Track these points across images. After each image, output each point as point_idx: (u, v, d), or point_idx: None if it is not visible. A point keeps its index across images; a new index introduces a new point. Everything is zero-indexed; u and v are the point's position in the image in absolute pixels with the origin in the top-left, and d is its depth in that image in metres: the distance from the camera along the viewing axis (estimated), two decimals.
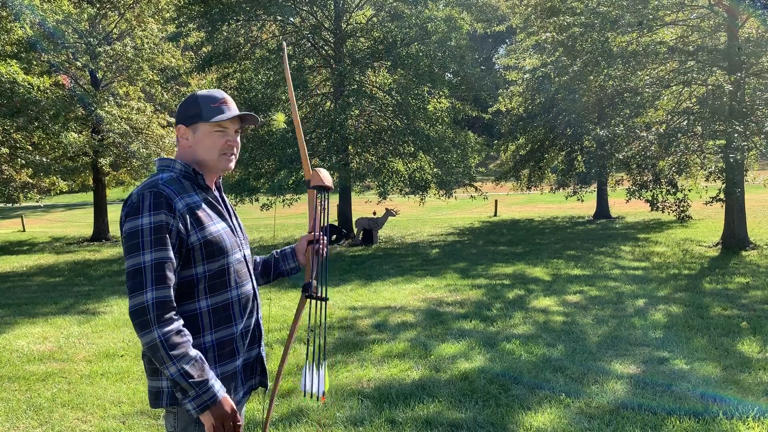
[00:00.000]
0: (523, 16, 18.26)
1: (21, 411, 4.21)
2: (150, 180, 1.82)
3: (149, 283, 1.67)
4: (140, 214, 1.72)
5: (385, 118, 15.73)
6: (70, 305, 8.07)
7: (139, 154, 15.82)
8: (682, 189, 11.81)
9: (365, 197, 17.84)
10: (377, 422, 3.76)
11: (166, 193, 1.76)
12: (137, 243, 1.70)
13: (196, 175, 1.88)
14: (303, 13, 15.54)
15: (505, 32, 29.41)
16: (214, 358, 1.83)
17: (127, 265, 1.71)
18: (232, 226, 1.95)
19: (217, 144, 1.87)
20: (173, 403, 1.79)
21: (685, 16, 12.89)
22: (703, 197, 12.32)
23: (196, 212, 1.81)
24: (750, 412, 3.75)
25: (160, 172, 1.87)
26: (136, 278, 1.68)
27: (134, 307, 1.67)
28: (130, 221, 1.73)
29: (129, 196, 1.81)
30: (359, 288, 8.52)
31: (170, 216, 1.74)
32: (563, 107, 17.93)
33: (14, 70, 13.55)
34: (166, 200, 1.75)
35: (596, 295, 7.47)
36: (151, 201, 1.73)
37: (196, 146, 1.88)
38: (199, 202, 1.84)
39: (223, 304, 1.85)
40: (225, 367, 1.86)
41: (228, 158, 1.90)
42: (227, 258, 1.86)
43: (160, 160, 1.93)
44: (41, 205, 34.22)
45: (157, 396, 1.82)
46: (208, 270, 1.81)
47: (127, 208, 1.77)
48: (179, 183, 1.83)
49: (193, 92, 1.92)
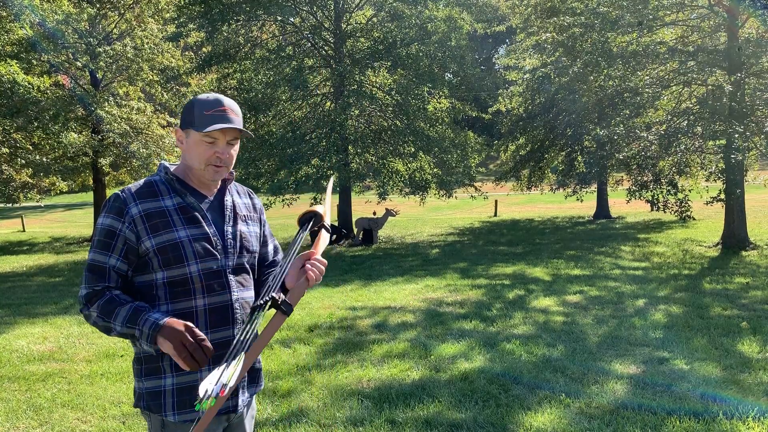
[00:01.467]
0: (523, 17, 18.26)
1: (21, 411, 4.20)
2: (139, 182, 1.89)
3: (84, 280, 1.81)
4: (102, 214, 1.83)
5: (385, 118, 15.73)
6: (70, 305, 8.06)
7: (139, 154, 15.82)
8: (683, 189, 11.80)
9: (365, 197, 17.84)
10: (377, 422, 3.75)
11: (123, 197, 1.80)
12: (92, 240, 1.83)
13: (174, 179, 1.86)
14: (303, 13, 15.54)
15: (505, 32, 29.39)
16: (170, 366, 1.79)
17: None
18: (208, 233, 1.83)
19: (204, 154, 1.81)
20: (147, 408, 1.85)
21: (685, 16, 12.88)
22: (703, 197, 12.32)
23: (154, 218, 1.78)
24: (750, 412, 3.75)
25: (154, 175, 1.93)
26: (83, 274, 1.83)
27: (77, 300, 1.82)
28: (98, 218, 1.85)
29: None
30: (359, 288, 8.52)
31: (118, 221, 1.78)
32: (563, 107, 17.93)
33: (14, 70, 13.55)
34: (121, 204, 1.79)
35: (596, 295, 7.47)
36: (110, 204, 1.81)
37: (187, 152, 1.85)
38: (164, 207, 1.80)
39: (183, 312, 1.78)
40: (182, 377, 1.80)
41: (215, 169, 1.83)
42: (188, 267, 1.78)
43: (160, 164, 1.95)
44: (41, 205, 34.22)
45: (139, 398, 1.89)
46: (167, 276, 1.78)
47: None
48: (152, 187, 1.84)
49: (195, 95, 1.93)
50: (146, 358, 1.83)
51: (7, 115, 14.12)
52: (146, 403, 1.84)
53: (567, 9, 14.43)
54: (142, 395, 1.86)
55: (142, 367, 1.84)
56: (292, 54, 15.42)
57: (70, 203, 37.62)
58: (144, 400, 1.85)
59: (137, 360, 1.86)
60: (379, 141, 15.51)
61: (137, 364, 1.86)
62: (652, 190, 12.09)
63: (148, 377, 1.83)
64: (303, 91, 14.74)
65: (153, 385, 1.83)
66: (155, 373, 1.82)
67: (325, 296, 7.89)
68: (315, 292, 8.13)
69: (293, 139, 14.21)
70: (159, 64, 17.11)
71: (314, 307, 7.22)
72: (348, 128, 14.01)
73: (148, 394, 1.83)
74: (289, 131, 14.59)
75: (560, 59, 17.38)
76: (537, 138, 19.56)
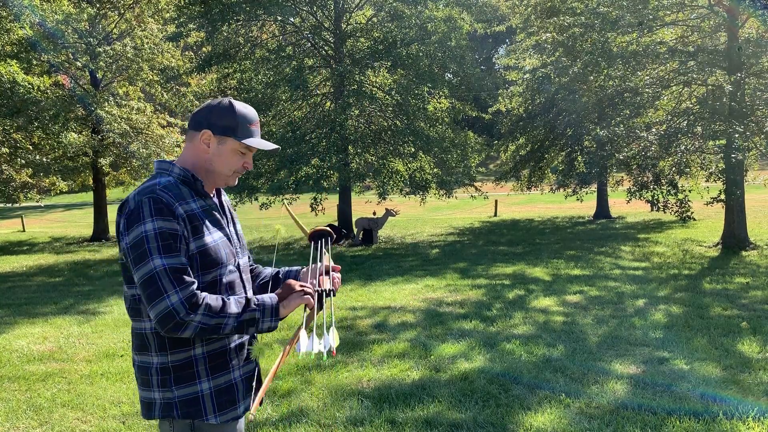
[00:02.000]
0: (523, 17, 18.26)
1: (21, 411, 4.20)
2: (147, 185, 1.77)
3: (169, 286, 1.64)
4: (142, 221, 1.68)
5: (385, 118, 15.73)
6: (70, 305, 8.06)
7: (138, 154, 15.82)
8: (683, 189, 11.80)
9: (365, 197, 17.84)
10: (377, 422, 3.75)
11: (166, 198, 1.71)
12: (144, 251, 1.66)
13: (195, 180, 1.84)
14: (303, 13, 15.54)
15: (505, 32, 29.40)
16: (206, 371, 1.80)
17: (138, 277, 1.67)
18: (229, 234, 1.90)
19: (236, 164, 1.87)
20: (166, 414, 1.80)
21: (685, 16, 12.88)
22: (704, 197, 12.31)
23: (193, 221, 1.76)
24: (750, 412, 3.75)
25: (158, 176, 1.82)
26: (152, 286, 1.64)
27: (159, 315, 1.63)
28: (133, 230, 1.69)
29: (125, 202, 1.76)
30: (359, 288, 8.52)
31: (173, 221, 1.70)
32: (563, 107, 17.93)
33: (14, 70, 13.56)
34: (168, 205, 1.70)
35: (596, 295, 7.47)
36: (152, 207, 1.69)
37: (215, 157, 1.85)
38: (196, 210, 1.79)
39: None
40: (218, 380, 1.83)
41: (237, 177, 1.91)
42: (220, 269, 1.82)
43: (159, 163, 1.88)
44: (41, 205, 34.22)
45: (150, 408, 1.83)
46: (201, 281, 1.76)
47: (125, 215, 1.72)
48: (177, 189, 1.78)
49: (228, 100, 1.87)
50: (176, 367, 1.78)
51: (7, 115, 14.12)
52: (181, 411, 1.78)
53: (567, 9, 14.42)
54: (172, 404, 1.79)
55: (170, 377, 1.78)
56: (292, 54, 15.42)
57: (69, 203, 37.63)
58: (177, 408, 1.79)
59: (162, 370, 1.78)
60: (379, 141, 15.51)
61: (162, 374, 1.78)
62: (652, 190, 12.08)
63: (180, 386, 1.79)
64: (303, 91, 14.73)
65: (188, 392, 1.79)
66: (189, 379, 1.79)
67: None
68: None
69: (293, 139, 14.21)
70: (159, 64, 17.11)
71: None
72: (348, 128, 14.01)
73: (182, 403, 1.79)
74: (289, 131, 14.59)
75: (560, 59, 17.37)
76: (537, 138, 19.55)
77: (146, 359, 1.81)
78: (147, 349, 1.80)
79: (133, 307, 1.81)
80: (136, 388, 2.04)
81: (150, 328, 1.78)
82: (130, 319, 1.86)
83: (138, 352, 1.84)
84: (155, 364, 1.79)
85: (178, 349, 1.77)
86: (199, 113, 1.86)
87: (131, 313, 1.83)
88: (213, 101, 1.88)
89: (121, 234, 1.74)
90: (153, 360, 1.79)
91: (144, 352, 1.81)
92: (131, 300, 1.81)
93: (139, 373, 1.85)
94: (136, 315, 1.81)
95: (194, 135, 1.85)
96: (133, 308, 1.82)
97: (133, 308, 1.81)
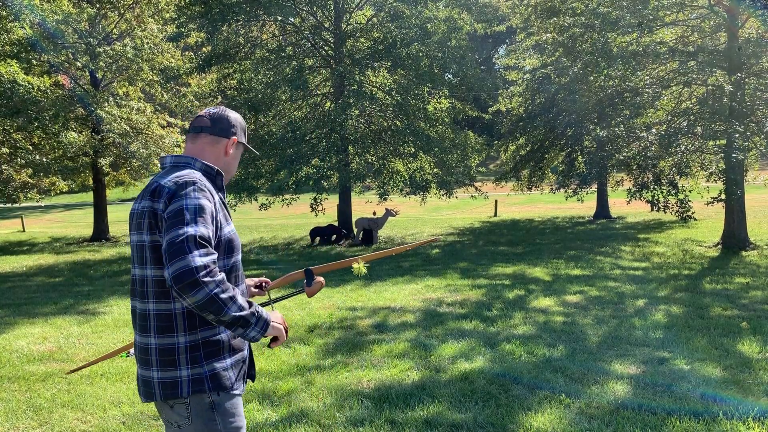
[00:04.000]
0: (523, 17, 18.26)
1: (21, 411, 4.20)
2: (181, 173, 1.92)
3: (194, 248, 1.73)
4: (185, 197, 1.83)
5: (385, 118, 15.73)
6: (70, 305, 8.06)
7: (138, 155, 15.82)
8: (683, 189, 11.80)
9: (365, 197, 17.84)
10: (377, 422, 3.75)
11: (205, 184, 1.91)
12: (180, 219, 1.78)
13: (217, 175, 2.05)
14: (303, 14, 15.54)
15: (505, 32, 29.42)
16: (230, 348, 1.96)
17: (167, 239, 1.76)
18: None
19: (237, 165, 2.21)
20: (196, 389, 1.89)
21: (685, 16, 12.88)
22: (704, 197, 12.31)
23: (222, 210, 1.97)
24: (750, 412, 3.75)
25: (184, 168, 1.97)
26: (178, 245, 1.73)
27: (178, 270, 1.70)
28: (174, 203, 1.82)
29: (160, 187, 1.89)
30: (359, 288, 8.52)
31: (211, 203, 1.88)
32: (563, 107, 17.92)
33: (14, 70, 13.55)
34: (208, 191, 1.90)
35: (596, 296, 7.47)
36: (195, 187, 1.86)
37: (231, 160, 2.13)
38: (218, 201, 1.98)
39: None
40: (236, 354, 2.00)
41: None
42: (237, 255, 2.03)
43: (175, 157, 2.04)
44: (41, 205, 34.23)
45: (174, 386, 1.90)
46: (225, 265, 1.95)
47: (166, 195, 1.86)
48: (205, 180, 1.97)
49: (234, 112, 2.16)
50: (205, 343, 1.91)
51: (7, 115, 14.11)
52: (212, 383, 1.90)
53: (567, 9, 14.42)
54: (203, 379, 1.90)
55: (200, 353, 1.90)
56: (292, 54, 15.42)
57: (69, 203, 37.63)
58: (207, 381, 1.90)
59: (192, 347, 1.89)
60: (379, 141, 15.52)
61: (192, 352, 1.89)
62: (652, 190, 12.08)
63: (209, 360, 1.92)
64: (303, 91, 14.74)
65: (217, 366, 1.93)
66: (217, 354, 1.93)
67: (325, 296, 7.88)
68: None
69: (293, 140, 14.21)
70: (159, 64, 17.11)
71: (314, 307, 7.22)
72: (348, 128, 14.01)
73: (212, 376, 1.91)
74: (289, 131, 14.59)
75: (560, 59, 17.37)
76: (537, 138, 19.55)
77: (170, 340, 1.90)
78: (173, 330, 1.90)
79: (163, 290, 1.89)
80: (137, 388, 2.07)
81: (181, 307, 1.89)
82: (151, 303, 1.93)
83: (159, 334, 1.91)
84: (183, 342, 1.90)
85: (207, 327, 1.91)
86: (222, 121, 2.10)
87: (157, 296, 1.91)
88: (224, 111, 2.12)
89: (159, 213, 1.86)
90: (180, 339, 1.90)
91: (168, 333, 1.90)
92: (163, 282, 1.87)
93: (158, 356, 1.92)
94: (165, 297, 1.90)
95: (219, 140, 2.08)
96: (162, 290, 1.90)
97: (163, 290, 1.90)
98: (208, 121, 2.08)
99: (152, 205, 1.88)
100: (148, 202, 1.90)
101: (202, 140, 2.07)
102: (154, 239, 1.88)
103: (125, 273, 11.23)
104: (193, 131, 2.09)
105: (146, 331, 1.94)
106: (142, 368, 1.98)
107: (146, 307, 1.93)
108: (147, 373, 1.95)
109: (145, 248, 1.91)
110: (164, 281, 1.84)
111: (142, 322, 1.95)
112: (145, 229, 1.90)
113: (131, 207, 2.04)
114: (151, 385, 1.94)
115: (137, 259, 1.96)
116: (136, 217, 1.95)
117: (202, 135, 2.07)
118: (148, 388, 1.95)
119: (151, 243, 1.89)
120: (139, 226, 1.92)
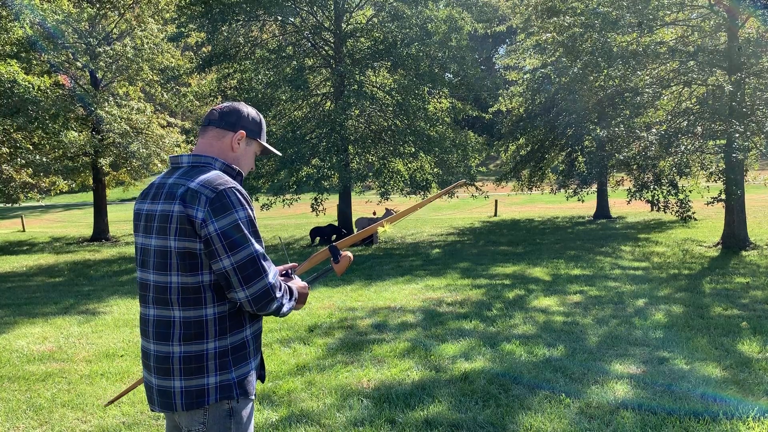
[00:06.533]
0: (523, 17, 18.27)
1: (21, 411, 4.20)
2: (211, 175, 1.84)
3: (265, 268, 1.82)
4: (234, 208, 1.80)
5: (385, 118, 15.74)
6: (70, 305, 8.06)
7: (138, 154, 15.83)
8: (683, 189, 11.79)
9: (365, 197, 17.84)
10: (377, 422, 3.75)
11: (244, 191, 1.89)
12: (242, 236, 1.79)
13: (237, 175, 1.99)
14: (303, 13, 15.54)
15: (506, 32, 29.42)
16: (254, 350, 1.96)
17: (235, 260, 1.77)
18: None
19: (252, 164, 2.09)
20: (224, 395, 1.84)
21: (685, 16, 12.88)
22: (704, 197, 12.31)
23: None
24: (750, 412, 3.75)
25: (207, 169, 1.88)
26: (252, 267, 1.79)
27: (258, 292, 1.79)
28: (224, 217, 1.78)
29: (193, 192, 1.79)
30: (359, 288, 8.52)
31: (252, 211, 1.89)
32: (563, 107, 17.93)
33: (14, 70, 13.56)
34: (248, 197, 1.89)
35: (596, 295, 7.47)
36: (239, 196, 1.83)
37: (242, 156, 2.02)
38: None
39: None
40: (258, 360, 2.00)
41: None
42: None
43: (194, 156, 1.93)
44: (41, 204, 34.23)
45: (201, 395, 1.83)
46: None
47: (207, 204, 1.77)
48: None
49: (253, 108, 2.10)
50: (234, 348, 1.87)
51: (7, 115, 14.12)
52: (239, 390, 1.87)
53: (567, 9, 14.42)
54: (231, 385, 1.86)
55: (229, 359, 1.86)
56: (292, 54, 15.43)
57: (69, 203, 37.64)
58: (236, 388, 1.87)
59: (222, 353, 1.84)
60: (380, 141, 15.52)
61: (221, 357, 1.84)
62: (652, 190, 12.08)
63: (237, 366, 1.88)
64: (303, 91, 14.74)
65: (244, 371, 1.90)
66: (244, 359, 1.91)
67: (325, 296, 7.89)
68: (315, 292, 8.13)
69: (293, 140, 14.21)
70: (159, 64, 17.13)
71: (314, 307, 7.22)
72: (348, 128, 14.02)
73: (239, 383, 1.88)
74: (290, 131, 14.60)
75: (560, 59, 17.36)
76: (537, 138, 19.56)
77: (199, 347, 1.82)
78: (202, 336, 1.82)
79: (192, 296, 1.81)
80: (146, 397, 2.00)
81: (213, 313, 1.82)
82: (177, 311, 1.83)
83: (187, 342, 1.82)
84: (213, 349, 1.83)
85: (236, 332, 1.87)
86: (231, 115, 1.99)
87: (184, 303, 1.82)
88: (237, 105, 2.03)
89: (195, 220, 1.77)
90: (210, 346, 1.83)
91: (197, 340, 1.82)
92: (193, 289, 1.81)
93: (182, 364, 1.82)
94: (195, 303, 1.82)
95: (225, 133, 1.97)
96: (190, 297, 1.81)
97: (192, 297, 1.81)
98: (216, 114, 1.99)
99: (185, 211, 1.77)
100: (178, 206, 1.78)
101: (210, 134, 1.97)
102: (185, 246, 1.78)
103: (125, 273, 11.23)
104: (203, 124, 2.01)
105: (167, 339, 1.83)
106: (159, 378, 1.85)
107: (170, 315, 1.83)
108: (166, 383, 1.84)
109: (171, 254, 1.79)
110: (192, 288, 1.80)
111: (162, 329, 1.84)
112: (173, 234, 1.79)
113: (137, 207, 1.95)
114: (171, 395, 1.83)
115: (156, 265, 1.84)
116: (153, 220, 1.85)
117: (209, 128, 1.97)
118: (166, 399, 1.84)
119: (180, 249, 1.79)
120: (163, 230, 1.81)
